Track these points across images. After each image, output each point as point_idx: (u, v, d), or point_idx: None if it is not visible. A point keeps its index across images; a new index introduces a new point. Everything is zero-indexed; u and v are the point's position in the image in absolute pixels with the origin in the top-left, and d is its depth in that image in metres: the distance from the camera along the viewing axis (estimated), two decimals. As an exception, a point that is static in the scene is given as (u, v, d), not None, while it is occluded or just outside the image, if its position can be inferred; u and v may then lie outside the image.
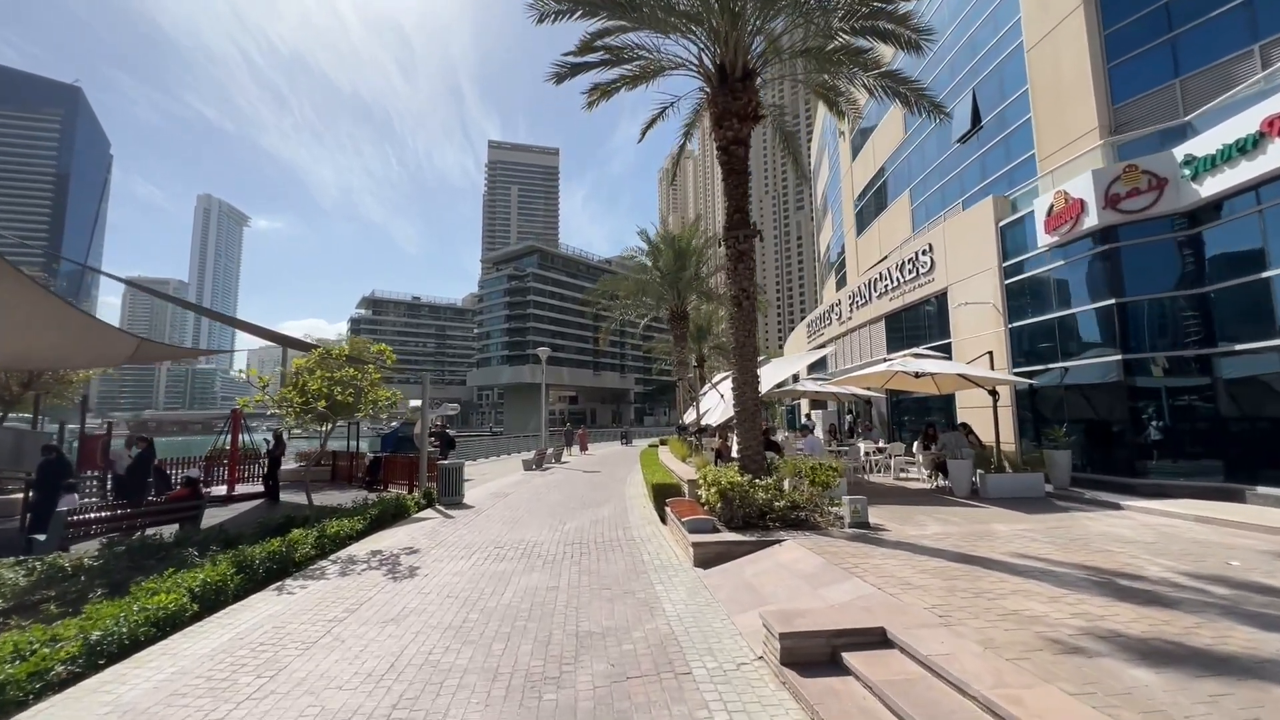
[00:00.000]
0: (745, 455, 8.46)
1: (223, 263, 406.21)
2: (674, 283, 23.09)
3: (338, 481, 18.11)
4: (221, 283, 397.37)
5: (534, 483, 16.51)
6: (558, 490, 14.58)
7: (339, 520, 9.08)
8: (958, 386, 12.30)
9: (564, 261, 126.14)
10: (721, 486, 7.45)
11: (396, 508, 11.00)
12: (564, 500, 12.74)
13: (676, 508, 8.38)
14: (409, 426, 20.01)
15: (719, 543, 6.80)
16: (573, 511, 11.11)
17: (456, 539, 8.84)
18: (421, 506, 12.05)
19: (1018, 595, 4.58)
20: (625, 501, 12.30)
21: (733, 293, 8.59)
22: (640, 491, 13.72)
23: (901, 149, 22.30)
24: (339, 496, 14.32)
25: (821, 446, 11.48)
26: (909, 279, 16.47)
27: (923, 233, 19.82)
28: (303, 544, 7.64)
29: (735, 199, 8.73)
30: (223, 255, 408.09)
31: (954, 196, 18.55)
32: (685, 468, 11.89)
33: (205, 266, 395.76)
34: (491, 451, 30.53)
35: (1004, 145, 16.11)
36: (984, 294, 12.81)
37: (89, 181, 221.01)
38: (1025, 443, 11.95)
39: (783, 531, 7.21)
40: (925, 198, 20.47)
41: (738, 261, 8.56)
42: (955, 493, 10.13)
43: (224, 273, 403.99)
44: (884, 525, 7.53)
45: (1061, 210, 10.49)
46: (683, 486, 9.85)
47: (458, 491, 12.72)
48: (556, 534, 9.00)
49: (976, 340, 13.15)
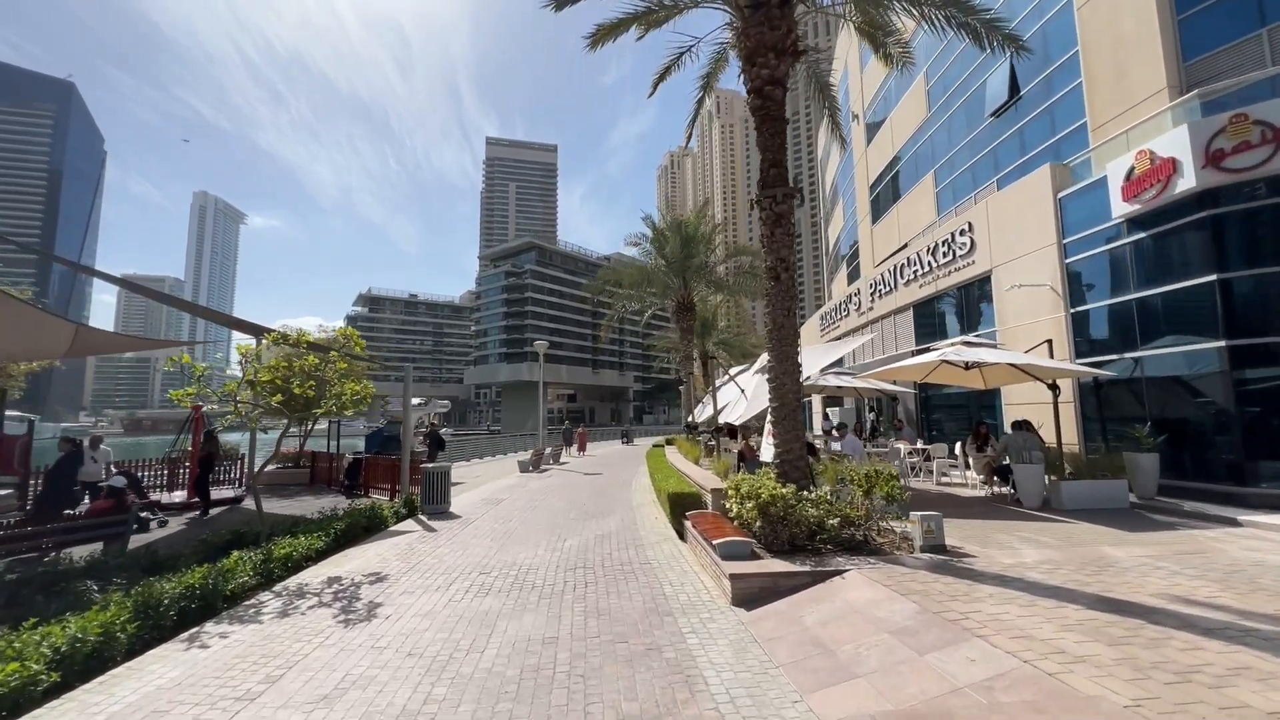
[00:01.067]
0: (786, 461, 6.98)
1: (219, 260, 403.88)
2: (680, 271, 21.53)
3: (316, 485, 16.63)
4: (218, 280, 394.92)
5: (530, 487, 15.02)
6: (556, 496, 13.09)
7: (294, 538, 7.59)
8: (1009, 379, 10.82)
9: (562, 258, 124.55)
10: (761, 500, 5.96)
11: (370, 519, 9.51)
12: (563, 509, 11.26)
13: (700, 524, 6.90)
14: (396, 425, 18.50)
15: (763, 574, 5.31)
16: (573, 523, 9.62)
17: (435, 560, 7.34)
18: (401, 516, 10.55)
19: (1243, 677, 3.10)
20: (633, 511, 10.81)
21: (768, 263, 7.10)
22: (649, 499, 12.24)
23: (924, 129, 20.81)
24: (313, 503, 12.82)
25: (861, 448, 10.01)
26: (943, 263, 14.99)
27: (949, 216, 18.36)
28: (238, 572, 6.14)
29: (772, 151, 7.24)
30: (219, 253, 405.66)
31: (987, 176, 17.07)
32: (702, 473, 10.41)
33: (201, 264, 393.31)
34: (488, 451, 29.06)
35: (1047, 116, 14.63)
36: (1039, 275, 11.33)
37: (82, 178, 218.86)
38: (1091, 444, 10.49)
39: (840, 557, 5.73)
40: (952, 179, 18.99)
41: (774, 226, 7.08)
42: (1024, 503, 8.65)
43: (220, 270, 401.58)
44: (963, 548, 6.05)
45: (1146, 173, 9.01)
46: (704, 497, 8.37)
47: (443, 498, 11.22)
48: (555, 554, 7.51)
49: (1029, 328, 11.67)
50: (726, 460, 10.16)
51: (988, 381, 11.33)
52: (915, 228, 21.22)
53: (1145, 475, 8.56)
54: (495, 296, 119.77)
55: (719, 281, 22.95)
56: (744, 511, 6.33)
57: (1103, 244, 10.23)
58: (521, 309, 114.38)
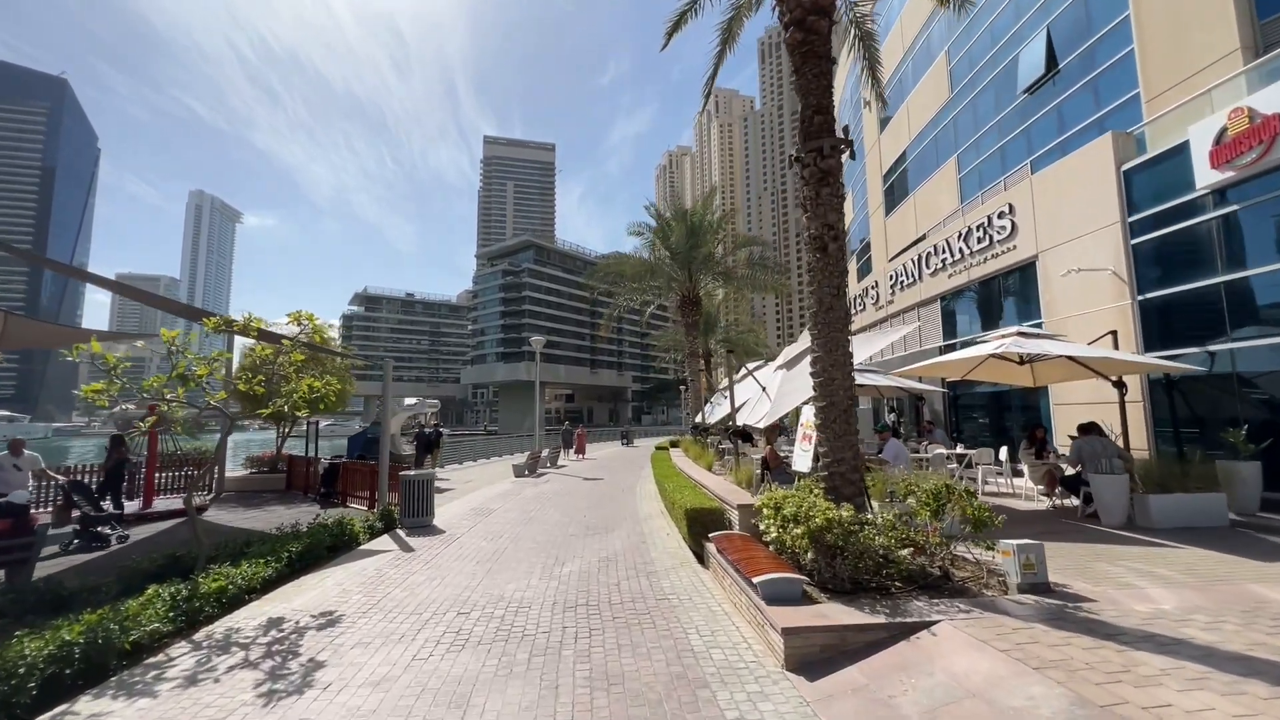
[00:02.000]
0: (836, 473, 5.69)
1: (215, 260, 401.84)
2: (686, 263, 20.22)
3: (292, 492, 15.30)
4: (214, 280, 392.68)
5: (525, 494, 13.71)
6: (553, 506, 11.79)
7: (236, 565, 6.28)
8: (1064, 376, 9.57)
9: (560, 257, 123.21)
10: (815, 525, 4.68)
11: (337, 536, 8.19)
12: (561, 522, 9.96)
13: (728, 549, 5.62)
14: (379, 426, 17.18)
15: (825, 627, 4.03)
16: (573, 542, 8.33)
17: (405, 593, 6.04)
18: (376, 532, 9.24)
19: None
20: (640, 524, 9.52)
21: (813, 231, 5.82)
22: (656, 508, 10.96)
23: (945, 111, 19.58)
24: (281, 514, 11.51)
25: (907, 455, 8.72)
26: (977, 249, 13.73)
27: (973, 203, 17.11)
28: (148, 615, 4.84)
29: (815, 95, 5.96)
30: (215, 252, 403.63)
31: (1018, 158, 15.84)
32: (720, 482, 9.11)
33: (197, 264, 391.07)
34: (483, 453, 27.72)
35: (1090, 89, 13.38)
36: (1098, 258, 10.08)
37: (76, 176, 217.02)
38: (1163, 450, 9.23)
39: (919, 601, 4.44)
40: (978, 163, 17.76)
41: (820, 185, 5.80)
42: (1103, 520, 7.38)
43: (216, 269, 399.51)
44: (1069, 586, 4.77)
45: (1242, 134, 7.77)
46: (728, 513, 7.08)
47: (425, 510, 9.91)
48: (550, 585, 6.21)
49: (1086, 319, 10.41)
50: (748, 469, 8.87)
51: (1038, 379, 10.07)
52: (935, 217, 19.96)
53: (1246, 487, 7.31)
54: (492, 295, 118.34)
55: (728, 272, 21.59)
56: (788, 538, 5.04)
57: (1181, 220, 8.96)
58: (519, 308, 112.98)
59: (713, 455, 12.22)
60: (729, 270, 21.60)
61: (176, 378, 6.29)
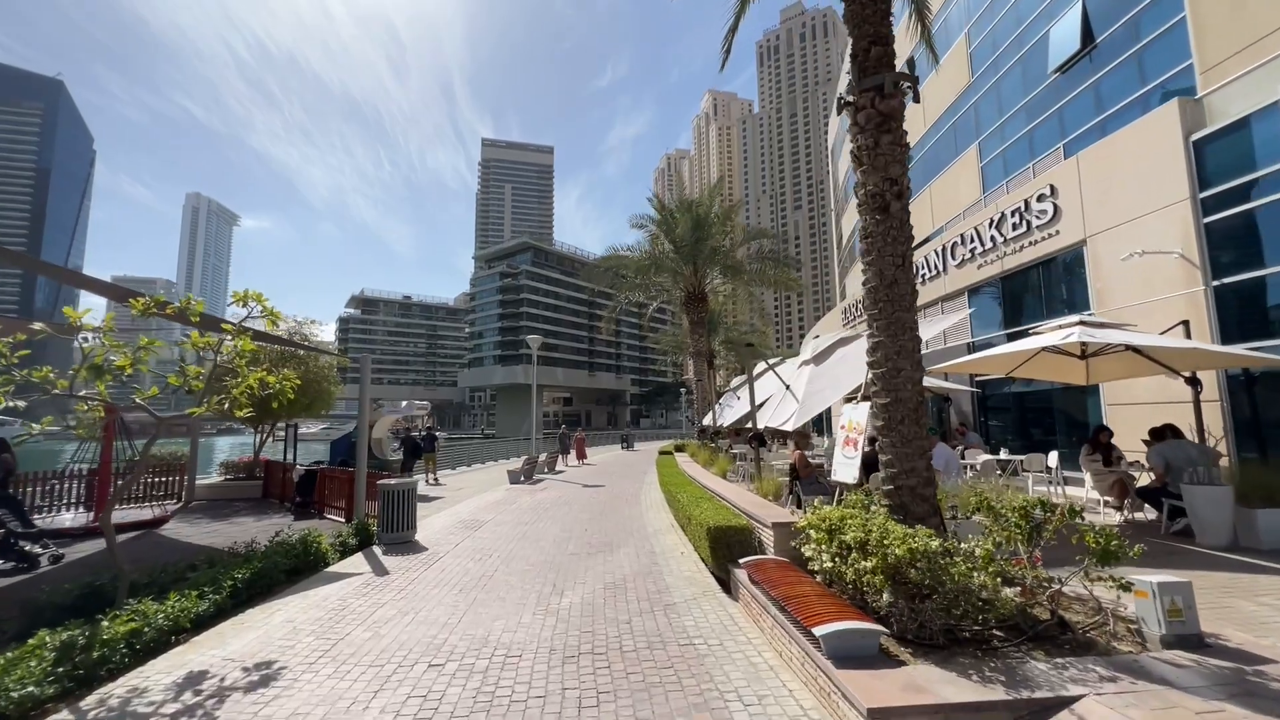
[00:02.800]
0: (905, 486, 4.57)
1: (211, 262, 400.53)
2: (691, 257, 19.10)
3: (268, 500, 14.15)
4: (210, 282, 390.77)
5: (520, 504, 12.57)
6: (550, 518, 10.66)
7: (164, 600, 5.15)
8: (1125, 372, 8.50)
9: (558, 259, 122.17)
10: (894, 557, 3.57)
11: (300, 557, 7.07)
12: (560, 537, 8.82)
13: (767, 580, 4.52)
14: (366, 430, 16.04)
15: (925, 708, 2.92)
16: (573, 563, 7.20)
17: (368, 634, 4.91)
18: (349, 549, 8.11)
19: None
20: (649, 540, 8.40)
21: (870, 187, 4.74)
22: (665, 520, 9.84)
23: (965, 97, 18.56)
24: (249, 527, 10.37)
25: (958, 463, 7.59)
26: (1013, 236, 12.65)
27: (997, 192, 16.09)
28: (19, 675, 3.71)
29: (871, 24, 4.87)
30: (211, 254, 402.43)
31: (1050, 142, 14.80)
32: (738, 492, 7.99)
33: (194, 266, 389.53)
34: (480, 457, 26.61)
35: (1134, 63, 12.36)
36: (1162, 240, 9.02)
37: (70, 178, 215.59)
38: (1244, 455, 8.14)
39: (1037, 659, 3.33)
40: (1002, 150, 16.73)
41: (879, 131, 4.73)
42: (1200, 539, 6.29)
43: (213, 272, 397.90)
44: (1224, 636, 3.66)
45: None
46: (756, 531, 5.97)
47: (406, 524, 8.78)
48: (547, 623, 5.08)
49: (1149, 308, 9.33)
50: (773, 479, 7.74)
51: (1092, 375, 8.98)
52: (954, 208, 18.94)
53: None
54: (490, 298, 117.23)
55: (736, 266, 20.42)
56: (850, 571, 3.93)
57: (1269, 194, 7.91)
58: (517, 310, 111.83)
59: (726, 461, 11.11)
60: (737, 264, 20.40)
61: (90, 370, 5.16)
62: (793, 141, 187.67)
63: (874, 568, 3.68)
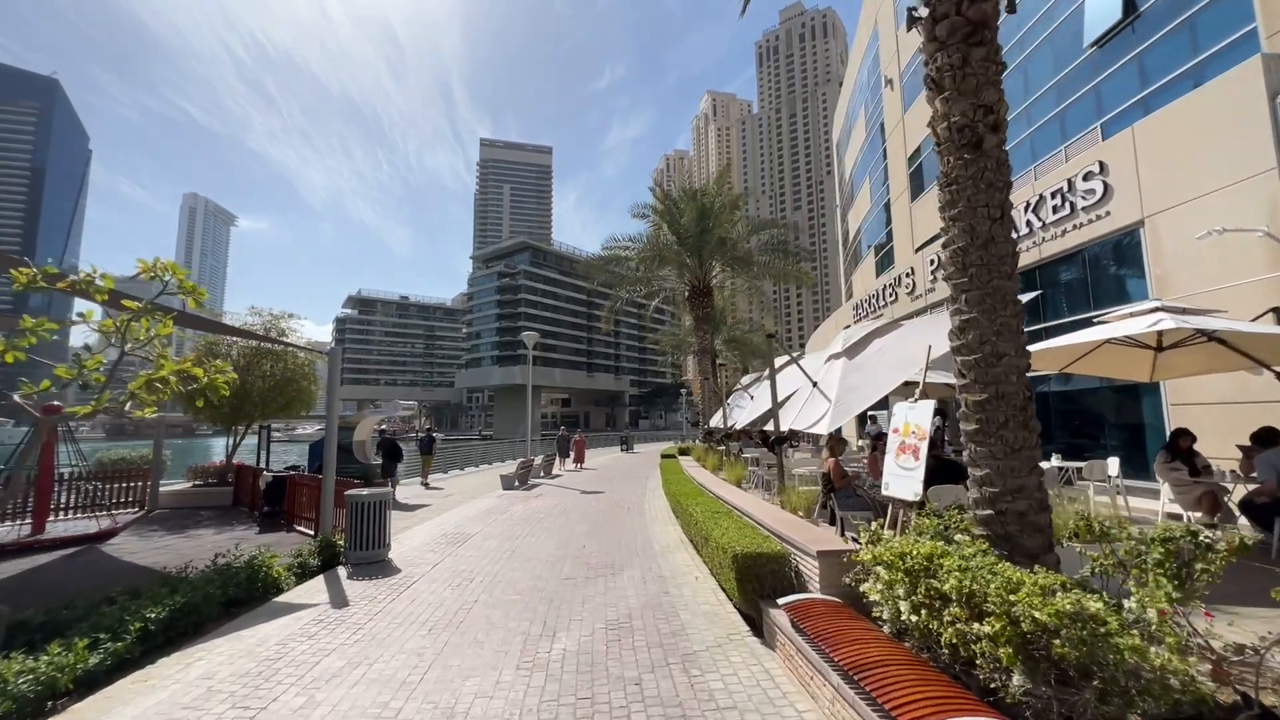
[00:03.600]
0: (1011, 511, 3.42)
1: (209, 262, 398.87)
2: (696, 248, 17.95)
3: (237, 509, 13.01)
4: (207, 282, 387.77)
5: (512, 513, 11.45)
6: (545, 531, 9.53)
7: (39, 653, 4.02)
8: (1203, 368, 7.40)
9: (557, 259, 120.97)
10: (1029, 624, 2.45)
11: (247, 584, 5.93)
12: (553, 556, 7.70)
13: (825, 634, 3.42)
14: (346, 432, 14.90)
15: None
16: (568, 592, 6.08)
17: (302, 699, 3.79)
18: (308, 572, 6.98)
19: None
20: (656, 560, 7.28)
21: (956, 119, 3.60)
22: (674, 535, 8.72)
23: (987, 78, 17.48)
24: (208, 541, 9.28)
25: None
26: (1053, 221, 11.56)
27: (1024, 178, 15.02)
28: None
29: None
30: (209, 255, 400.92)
31: (1084, 121, 13.74)
32: (762, 506, 6.88)
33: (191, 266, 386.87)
34: (476, 459, 25.50)
35: (1186, 31, 11.29)
36: (1243, 216, 7.93)
37: (66, 177, 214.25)
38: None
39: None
40: (1030, 133, 15.67)
41: (968, 44, 3.54)
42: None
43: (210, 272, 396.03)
44: None
45: None
46: (793, 558, 4.85)
47: (378, 541, 7.65)
48: (532, 684, 3.96)
49: (1221, 295, 8.22)
50: (799, 491, 6.60)
51: (1159, 371, 7.88)
52: (975, 197, 17.84)
53: None
54: (488, 298, 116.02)
55: (745, 257, 19.20)
56: (956, 635, 2.81)
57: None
58: (515, 310, 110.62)
59: (739, 467, 9.97)
60: (746, 254, 19.19)
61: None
62: (792, 142, 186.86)
63: (997, 635, 2.56)
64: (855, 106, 32.44)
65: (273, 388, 14.86)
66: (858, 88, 31.60)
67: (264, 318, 14.99)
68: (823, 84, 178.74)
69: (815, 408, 7.16)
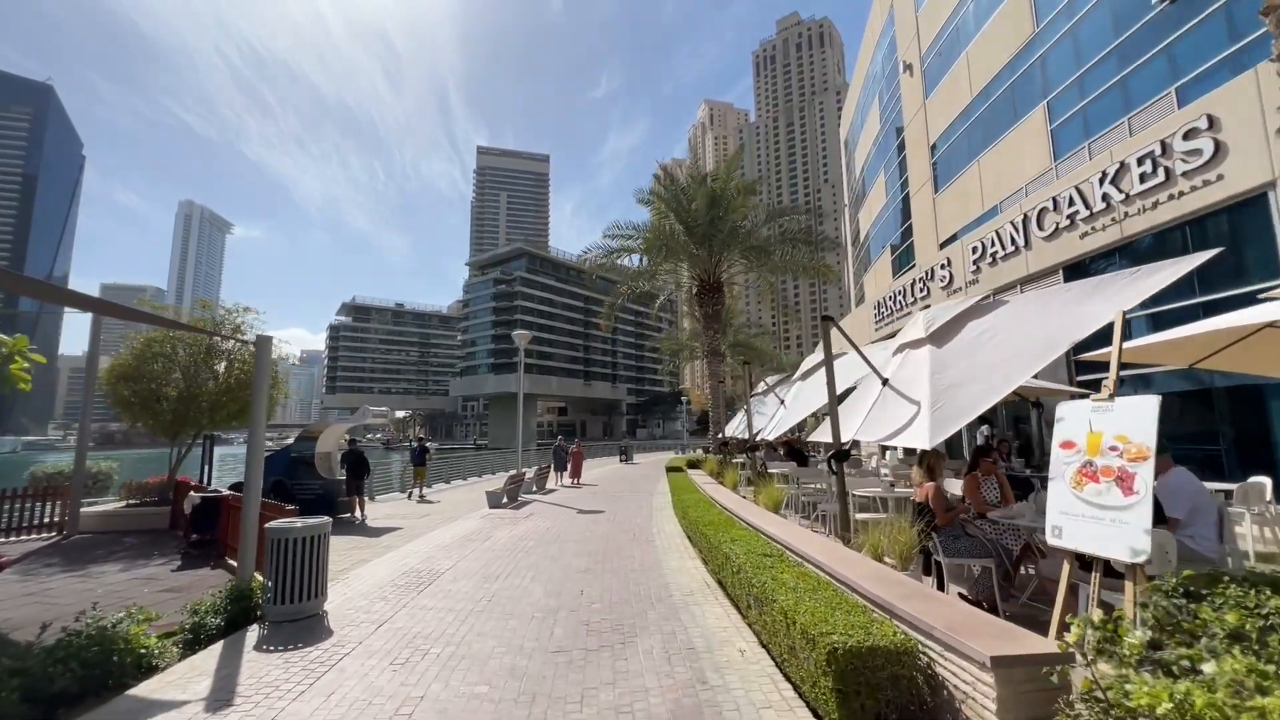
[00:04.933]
0: None
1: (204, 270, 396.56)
2: (707, 238, 16.07)
3: (172, 533, 11.03)
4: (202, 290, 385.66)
5: (495, 540, 9.54)
6: (532, 568, 7.63)
7: None
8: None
9: (554, 265, 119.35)
10: None
11: (87, 666, 4.03)
12: (541, 610, 5.79)
13: None
14: (308, 443, 12.97)
15: None
16: (559, 679, 4.18)
17: None
18: (205, 636, 5.06)
19: None
20: (678, 614, 5.40)
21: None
22: (695, 573, 6.84)
23: (1028, 51, 15.86)
24: (111, 581, 7.39)
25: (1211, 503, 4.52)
26: (1141, 191, 9.82)
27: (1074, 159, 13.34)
28: None
29: None
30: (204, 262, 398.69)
31: (1154, 88, 12.03)
32: (831, 549, 5.02)
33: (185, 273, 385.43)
34: (469, 471, 23.60)
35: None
36: None
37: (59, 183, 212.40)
38: None
39: None
40: (1082, 107, 13.97)
41: None
42: None
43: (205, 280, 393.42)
44: None
45: None
46: (930, 659, 2.95)
47: (311, 588, 5.73)
48: None
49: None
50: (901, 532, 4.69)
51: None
52: (1015, 181, 16.19)
53: None
54: (484, 305, 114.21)
55: (763, 246, 17.18)
56: None
57: None
58: (511, 317, 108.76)
59: (774, 489, 8.05)
60: (763, 244, 17.18)
61: None
62: (789, 150, 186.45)
63: None
64: (867, 99, 30.90)
65: (224, 391, 12.94)
66: (870, 79, 30.07)
67: (212, 311, 13.10)
68: (820, 93, 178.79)
69: (892, 413, 5.32)
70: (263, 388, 6.64)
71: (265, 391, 6.66)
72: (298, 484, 12.34)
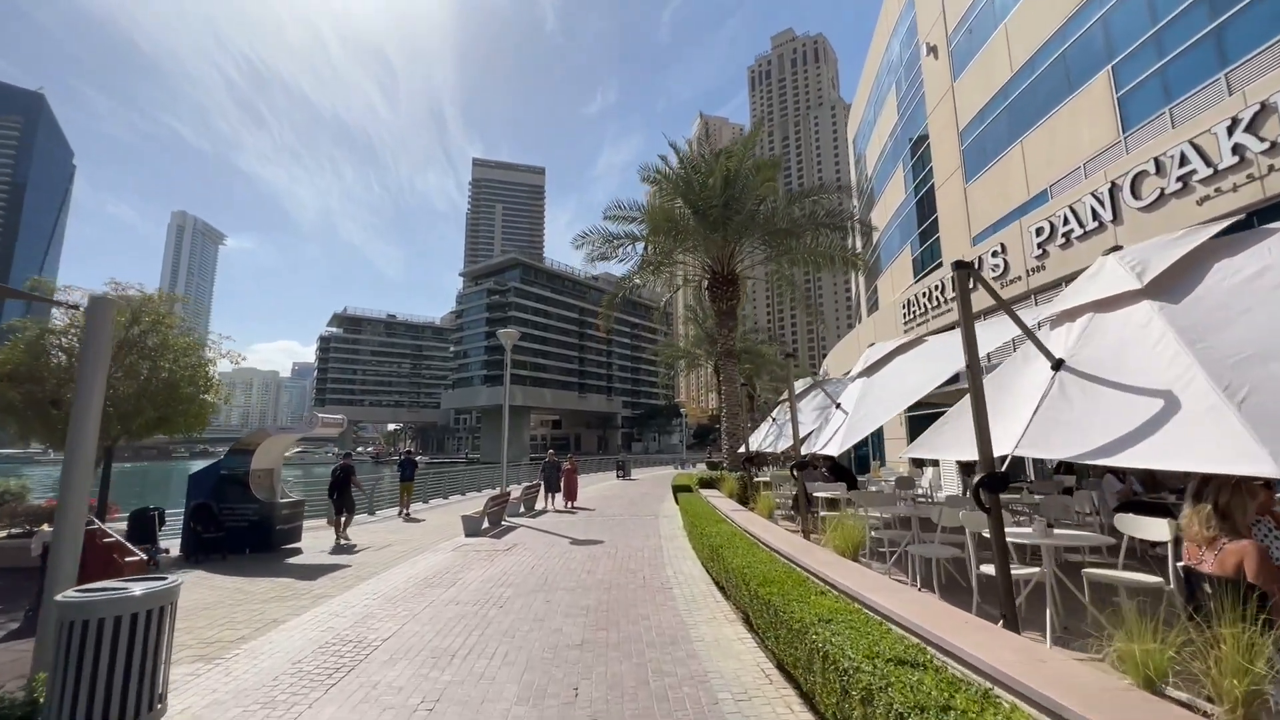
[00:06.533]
0: None
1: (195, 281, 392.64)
2: (721, 223, 13.85)
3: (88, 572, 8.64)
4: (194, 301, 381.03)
5: (464, 585, 7.24)
6: (504, 638, 5.34)
7: None
8: None
9: (549, 276, 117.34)
10: None
11: None
12: None
13: None
14: (244, 457, 10.59)
15: None
16: None
17: None
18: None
19: None
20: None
21: None
22: (743, 653, 4.61)
23: (1085, 13, 14.02)
24: None
25: None
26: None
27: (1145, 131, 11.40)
28: None
29: None
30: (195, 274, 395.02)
31: (1257, 38, 10.13)
32: (1035, 663, 2.82)
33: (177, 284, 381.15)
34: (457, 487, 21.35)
35: None
36: None
37: (48, 191, 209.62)
38: None
39: None
40: (1160, 66, 12.06)
41: None
42: None
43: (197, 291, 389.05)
44: None
45: None
46: None
47: (135, 700, 3.43)
48: None
49: None
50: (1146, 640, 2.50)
51: None
52: (1068, 160, 14.27)
53: None
54: (477, 316, 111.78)
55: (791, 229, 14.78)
56: None
57: None
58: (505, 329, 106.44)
59: (855, 526, 5.79)
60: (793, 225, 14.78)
61: None
62: (785, 164, 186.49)
63: None
64: (881, 90, 29.18)
65: (142, 395, 10.64)
66: (885, 68, 28.38)
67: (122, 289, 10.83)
68: (815, 108, 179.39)
69: (1101, 408, 3.16)
70: (95, 373, 4.39)
71: (96, 380, 4.41)
72: (227, 508, 9.98)
